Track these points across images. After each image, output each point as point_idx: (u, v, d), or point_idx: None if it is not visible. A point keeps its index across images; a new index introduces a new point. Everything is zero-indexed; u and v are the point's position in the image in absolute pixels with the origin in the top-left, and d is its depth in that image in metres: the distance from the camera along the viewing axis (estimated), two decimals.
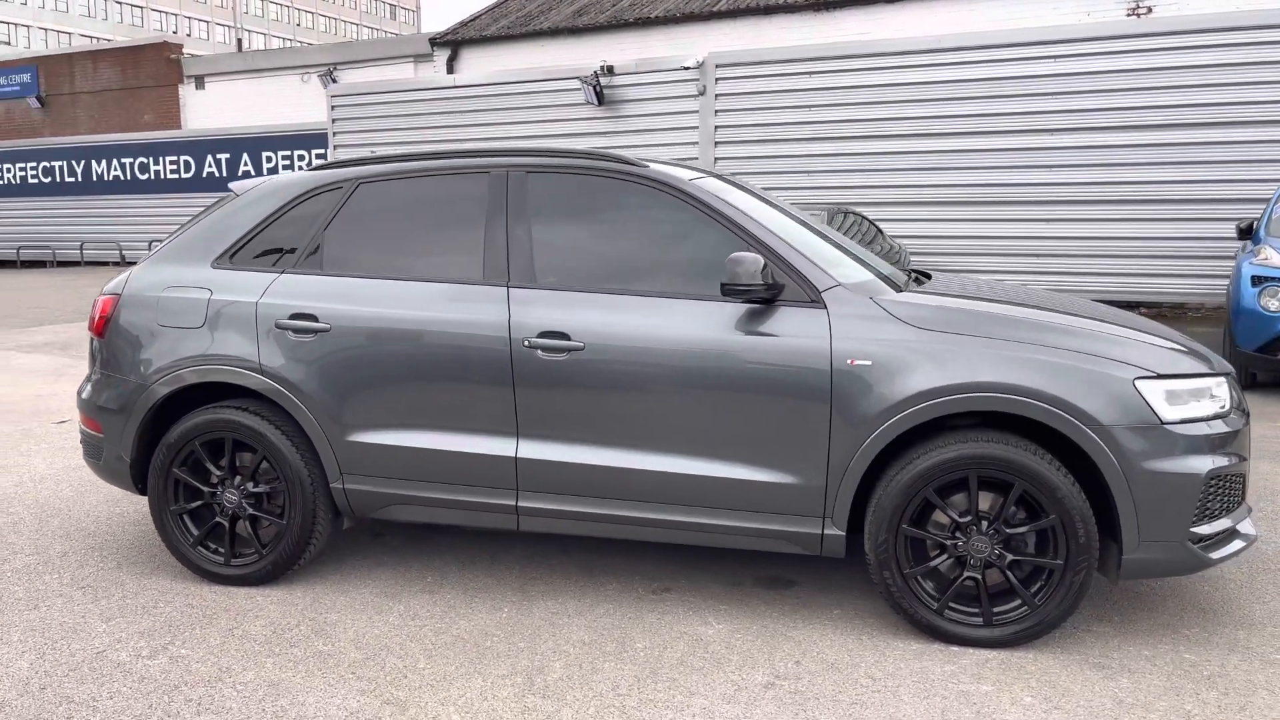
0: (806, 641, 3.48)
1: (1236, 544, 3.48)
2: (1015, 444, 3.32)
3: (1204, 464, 3.30)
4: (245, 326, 3.93)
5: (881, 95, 13.37)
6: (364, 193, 4.04)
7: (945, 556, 3.44)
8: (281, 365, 3.88)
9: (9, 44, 64.71)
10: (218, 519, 4.02)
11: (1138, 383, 3.30)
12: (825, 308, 3.51)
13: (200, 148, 25.54)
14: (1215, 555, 3.38)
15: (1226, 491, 3.42)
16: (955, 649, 3.40)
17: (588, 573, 4.11)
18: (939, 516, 3.46)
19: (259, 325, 3.91)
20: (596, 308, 3.65)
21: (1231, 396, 3.52)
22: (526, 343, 3.66)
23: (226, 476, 4.00)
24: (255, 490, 3.97)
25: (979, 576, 3.41)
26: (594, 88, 14.72)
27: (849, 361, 3.42)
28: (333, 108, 17.31)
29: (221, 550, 4.04)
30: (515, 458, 3.71)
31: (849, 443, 3.42)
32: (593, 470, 3.65)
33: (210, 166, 25.57)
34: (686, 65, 14.38)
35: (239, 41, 34.78)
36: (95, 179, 27.80)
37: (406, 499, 3.86)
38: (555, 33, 18.47)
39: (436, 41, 20.56)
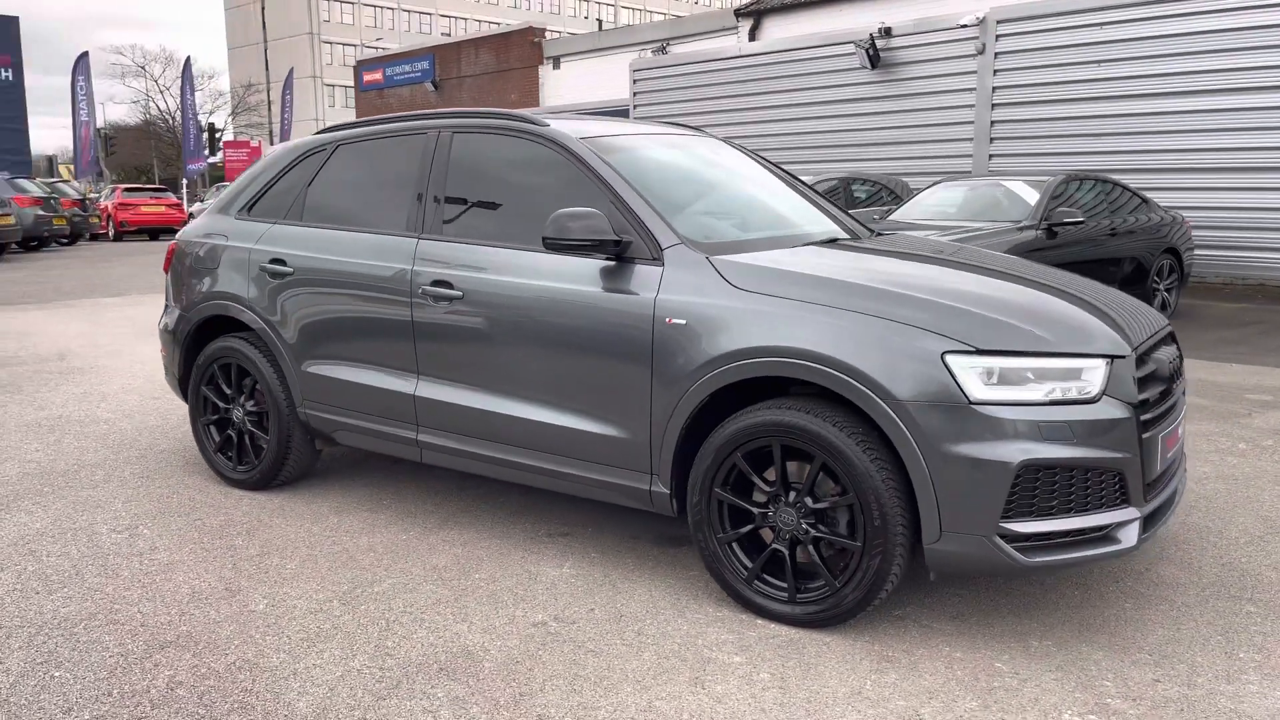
0: (625, 594, 3.50)
1: (1089, 550, 3.00)
2: (814, 413, 3.12)
3: (1016, 452, 2.89)
4: (242, 269, 4.60)
5: (1183, 46, 11.79)
6: (340, 153, 4.54)
7: (754, 526, 3.31)
8: (263, 303, 4.51)
9: (383, 43, 73.48)
10: (229, 432, 4.77)
11: (947, 357, 2.96)
12: (663, 265, 3.48)
13: None
14: (1036, 559, 2.95)
15: (1069, 488, 2.96)
16: (760, 622, 3.28)
17: (515, 513, 4.36)
18: (759, 484, 3.32)
19: (250, 268, 4.57)
20: (479, 259, 3.88)
21: (1109, 383, 3.02)
22: (421, 290, 3.98)
23: (236, 396, 4.72)
24: (253, 410, 4.66)
25: (785, 550, 3.25)
26: (867, 51, 14.29)
27: (667, 320, 3.38)
28: (634, 81, 18.23)
29: (232, 458, 4.78)
30: (414, 395, 4.06)
31: (666, 401, 3.39)
32: (468, 411, 3.90)
33: None
34: (964, 23, 13.53)
35: (599, 22, 37.16)
36: None
37: (346, 426, 4.35)
38: None
39: (740, 12, 20.84)
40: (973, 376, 2.94)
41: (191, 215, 26.89)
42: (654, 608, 3.39)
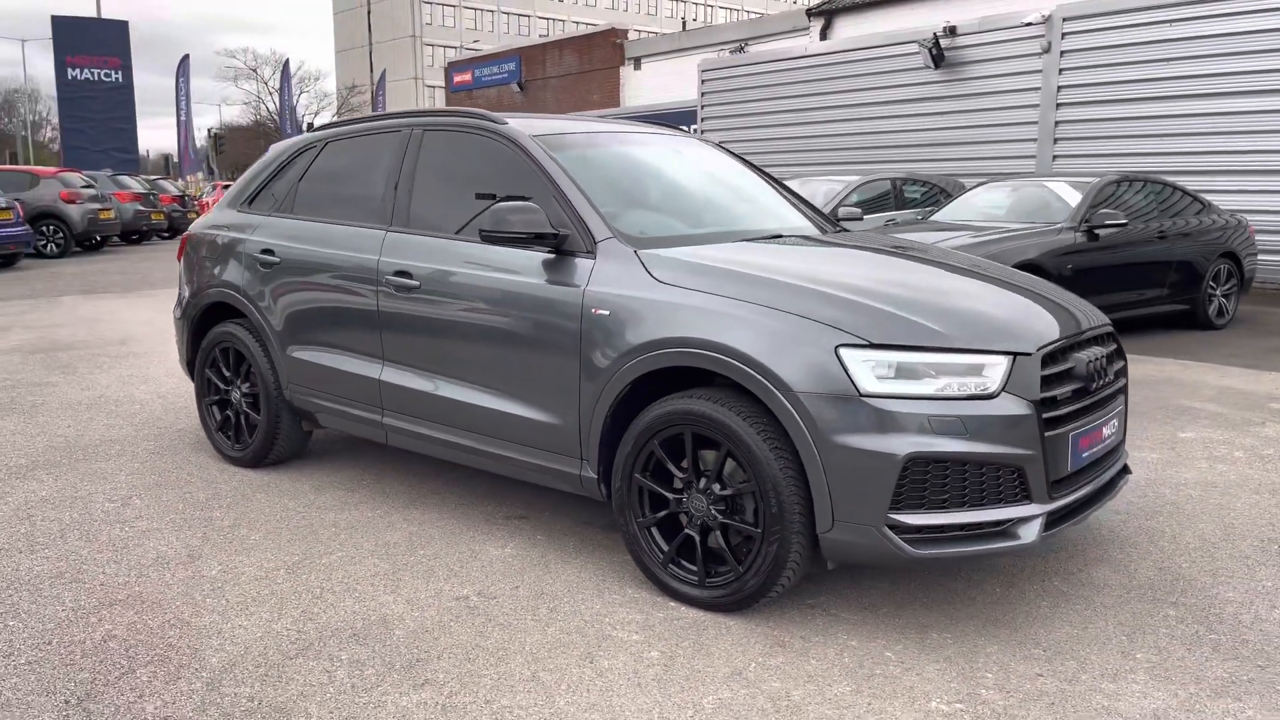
0: (555, 574, 3.64)
1: (984, 545, 3.03)
2: (721, 403, 3.21)
3: (904, 445, 2.94)
4: (239, 258, 4.89)
5: (1253, 44, 11.39)
6: (329, 150, 4.79)
7: (670, 512, 3.41)
8: (255, 291, 4.78)
9: (479, 44, 74.60)
10: (228, 412, 5.06)
11: (841, 350, 3.02)
12: (595, 258, 3.61)
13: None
14: (925, 551, 2.99)
15: (961, 482, 2.99)
16: (672, 604, 3.38)
17: (482, 497, 4.53)
18: (674, 471, 3.43)
19: (245, 258, 4.85)
20: (437, 251, 4.06)
21: (1009, 380, 3.04)
22: (385, 280, 4.18)
23: (234, 378, 5.01)
24: (248, 392, 4.94)
25: (696, 535, 3.35)
26: (930, 51, 14.12)
27: (593, 310, 3.52)
28: (702, 82, 18.31)
29: (230, 436, 5.07)
30: (379, 380, 4.27)
31: (592, 389, 3.52)
32: (423, 396, 4.09)
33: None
34: (1030, 21, 13.27)
35: (683, 21, 37.27)
36: None
37: (325, 409, 4.59)
38: None
39: (812, 12, 20.71)
40: (864, 369, 3.00)
41: None
42: (577, 587, 3.52)
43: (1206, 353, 8.16)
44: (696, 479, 3.32)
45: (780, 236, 4.07)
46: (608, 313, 3.47)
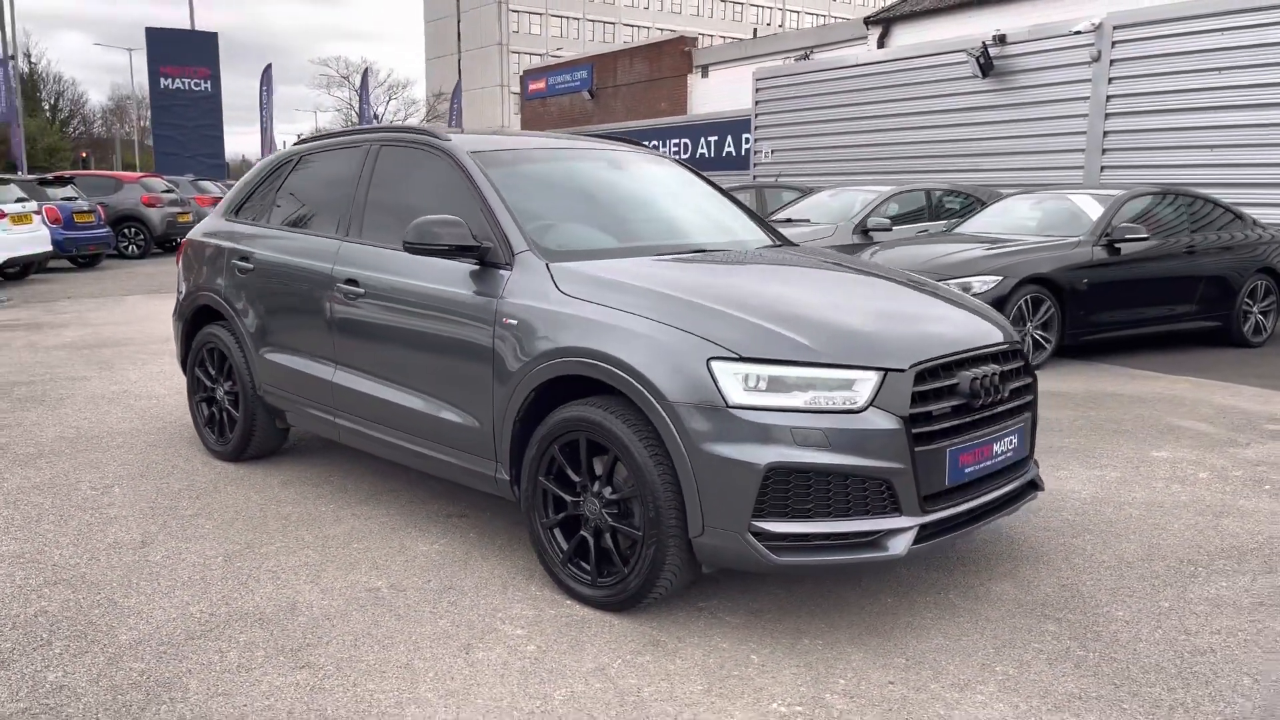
0: (471, 570, 3.82)
1: (849, 555, 3.12)
2: (611, 410, 3.35)
3: (765, 455, 3.04)
4: (221, 264, 5.19)
5: None
6: (303, 163, 5.07)
7: (568, 514, 3.56)
8: (233, 295, 5.08)
9: (563, 52, 75.28)
10: (212, 409, 5.38)
11: (712, 362, 3.15)
12: (511, 270, 3.79)
13: (695, 131, 28.24)
14: (786, 559, 3.09)
15: (826, 493, 3.08)
16: (568, 602, 3.54)
17: (434, 495, 4.74)
18: (573, 475, 3.57)
19: (227, 264, 5.15)
20: (382, 261, 4.28)
21: (878, 395, 3.12)
22: (337, 287, 4.43)
23: (218, 377, 5.32)
24: (231, 390, 5.24)
25: (590, 536, 3.49)
26: (978, 60, 13.97)
27: (504, 320, 3.70)
28: (756, 90, 18.37)
29: (215, 431, 5.38)
30: (332, 382, 4.51)
31: (503, 394, 3.70)
32: (367, 398, 4.32)
33: (702, 148, 28.15)
34: (1079, 29, 13.05)
35: (754, 30, 37.22)
36: None
37: (291, 408, 4.85)
38: (984, 1, 17.44)
39: (870, 20, 20.56)
40: (733, 381, 3.12)
41: None
42: (486, 583, 3.70)
43: (1231, 371, 7.97)
44: (591, 483, 3.47)
45: (704, 251, 4.19)
46: (515, 322, 3.65)
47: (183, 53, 29.35)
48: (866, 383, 3.14)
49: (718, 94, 28.26)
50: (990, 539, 4.13)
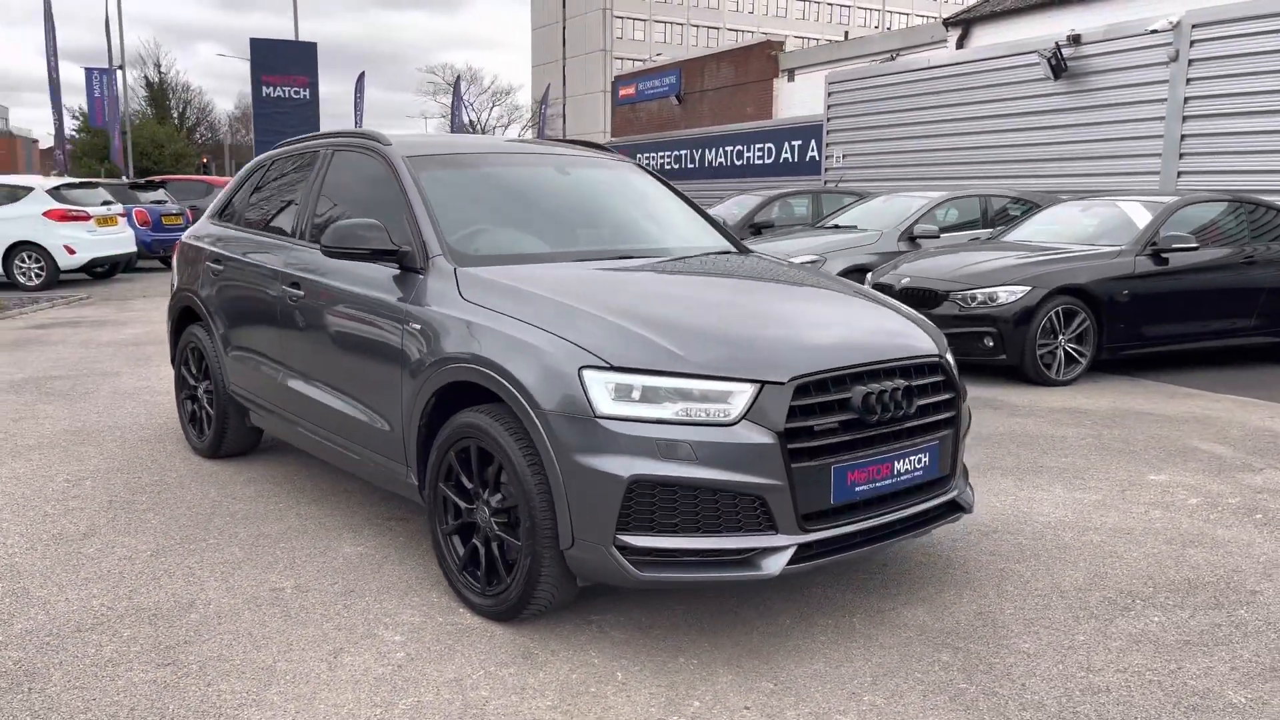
0: (382, 574, 3.81)
1: (719, 573, 3.02)
2: (497, 417, 3.31)
3: (629, 467, 2.96)
4: (199, 265, 5.34)
5: None
6: (273, 167, 5.17)
7: (463, 521, 3.53)
8: (207, 295, 5.22)
9: (662, 58, 75.24)
10: (194, 408, 5.53)
11: (584, 371, 3.07)
12: (424, 275, 3.78)
13: (779, 136, 27.95)
14: (649, 574, 2.99)
15: (693, 508, 2.98)
16: (462, 610, 3.51)
17: (387, 498, 4.77)
18: (467, 482, 3.53)
19: (203, 266, 5.29)
20: (320, 263, 4.33)
21: (752, 408, 3.00)
22: (283, 289, 4.50)
23: (199, 376, 5.47)
24: (208, 389, 5.38)
25: (480, 545, 3.45)
26: (1050, 61, 13.46)
27: (411, 324, 3.69)
28: (829, 95, 18.07)
29: (196, 428, 5.54)
30: (282, 384, 4.58)
31: (409, 399, 3.69)
32: (309, 400, 4.37)
33: (786, 153, 27.85)
34: (1156, 28, 12.45)
35: (845, 32, 36.58)
36: (707, 165, 31.98)
37: (253, 408, 4.95)
38: (1066, 1, 16.75)
39: (949, 21, 19.96)
40: (602, 391, 3.04)
41: None
42: (389, 589, 3.70)
43: None
44: (482, 491, 3.43)
45: (629, 257, 4.11)
46: (419, 327, 3.64)
47: (284, 62, 30.45)
48: (741, 395, 3.02)
49: (803, 98, 27.91)
50: (925, 561, 3.95)
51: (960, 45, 19.72)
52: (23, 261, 14.57)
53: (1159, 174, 12.56)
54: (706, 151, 31.84)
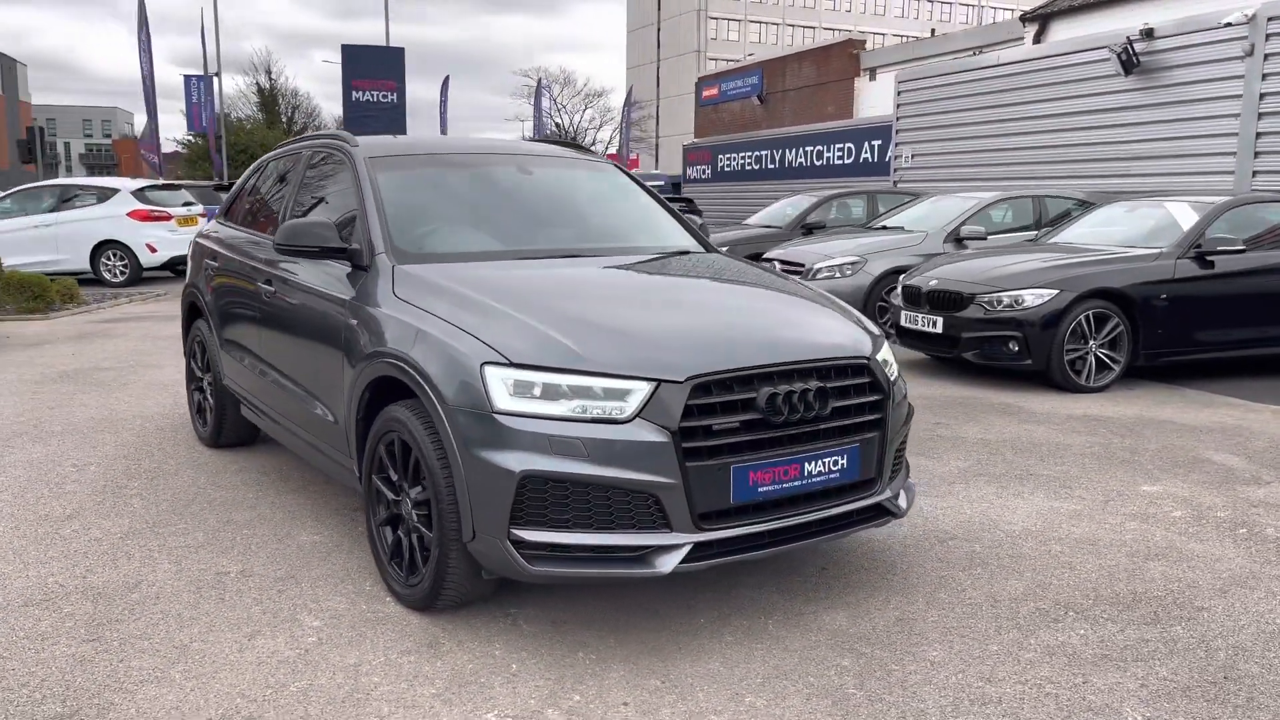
0: (326, 562, 3.93)
1: (611, 569, 3.03)
2: (415, 411, 3.38)
3: (521, 462, 3.00)
4: (201, 262, 5.56)
5: None
6: (267, 168, 5.36)
7: (391, 513, 3.61)
8: (205, 290, 5.44)
9: (754, 58, 74.45)
10: (199, 399, 5.76)
11: (485, 367, 3.12)
12: (368, 272, 3.89)
13: (859, 135, 27.55)
14: (540, 568, 3.03)
15: (585, 504, 3.00)
16: (388, 600, 3.59)
17: None
18: (393, 474, 3.60)
19: (204, 263, 5.51)
20: (291, 260, 4.47)
21: (647, 406, 3.01)
22: (259, 286, 4.66)
23: (204, 369, 5.70)
24: (211, 381, 5.60)
25: (404, 536, 3.53)
26: (1120, 56, 13.00)
27: (350, 320, 3.80)
28: (899, 94, 17.77)
29: (201, 418, 5.77)
30: (259, 378, 4.75)
31: (349, 392, 3.80)
32: (280, 393, 4.53)
33: (866, 153, 27.42)
34: (1229, 21, 11.92)
35: (931, 29, 35.65)
36: (787, 166, 31.71)
37: (243, 402, 5.14)
38: None
39: (1026, 17, 19.35)
40: (501, 387, 3.08)
41: None
42: (328, 577, 3.81)
43: None
44: (405, 484, 3.51)
45: (575, 255, 4.14)
46: (356, 322, 3.74)
47: (373, 67, 31.27)
48: (637, 393, 3.03)
49: (884, 97, 27.40)
50: (868, 566, 3.88)
51: (1037, 40, 19.15)
52: (109, 259, 15.33)
53: (1234, 174, 12.01)
54: (787, 152, 31.57)
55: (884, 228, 11.23)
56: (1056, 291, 7.35)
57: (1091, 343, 7.41)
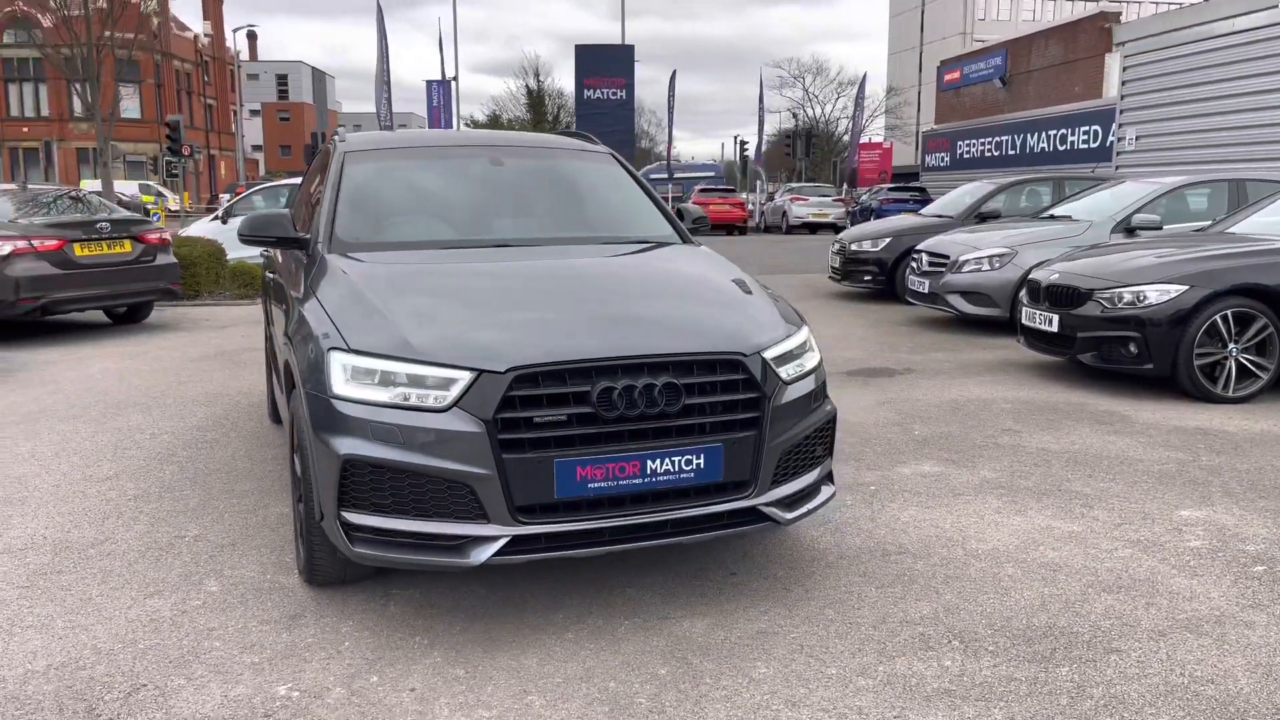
0: (278, 533, 4.17)
1: (429, 557, 3.07)
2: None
3: (344, 446, 3.07)
4: (269, 253, 6.02)
5: None
6: (313, 166, 5.70)
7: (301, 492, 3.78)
8: (269, 280, 5.87)
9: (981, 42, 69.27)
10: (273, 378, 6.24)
11: (330, 352, 3.22)
12: (315, 260, 4.09)
13: (1106, 117, 25.44)
14: (361, 550, 3.08)
15: (403, 491, 3.04)
16: (294, 577, 3.75)
17: None
18: None
19: (269, 253, 5.96)
20: (288, 251, 4.77)
21: (466, 396, 3.01)
22: (270, 275, 5.01)
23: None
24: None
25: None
26: None
27: (286, 306, 4.01)
28: (1124, 69, 16.27)
29: (270, 398, 6.25)
30: (277, 363, 5.09)
31: (283, 375, 4.02)
32: (274, 373, 4.85)
33: (1113, 135, 25.27)
34: None
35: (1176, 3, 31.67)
36: (1028, 151, 29.74)
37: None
38: None
39: None
40: (340, 372, 3.17)
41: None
42: (264, 547, 4.03)
43: None
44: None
45: (506, 245, 4.14)
46: (286, 307, 3.96)
47: (604, 65, 32.29)
48: (459, 383, 3.03)
49: None
50: (782, 575, 3.66)
51: None
52: None
53: None
54: (1027, 137, 29.64)
55: (1051, 217, 10.34)
56: (1186, 287, 6.49)
57: (1232, 346, 6.50)
